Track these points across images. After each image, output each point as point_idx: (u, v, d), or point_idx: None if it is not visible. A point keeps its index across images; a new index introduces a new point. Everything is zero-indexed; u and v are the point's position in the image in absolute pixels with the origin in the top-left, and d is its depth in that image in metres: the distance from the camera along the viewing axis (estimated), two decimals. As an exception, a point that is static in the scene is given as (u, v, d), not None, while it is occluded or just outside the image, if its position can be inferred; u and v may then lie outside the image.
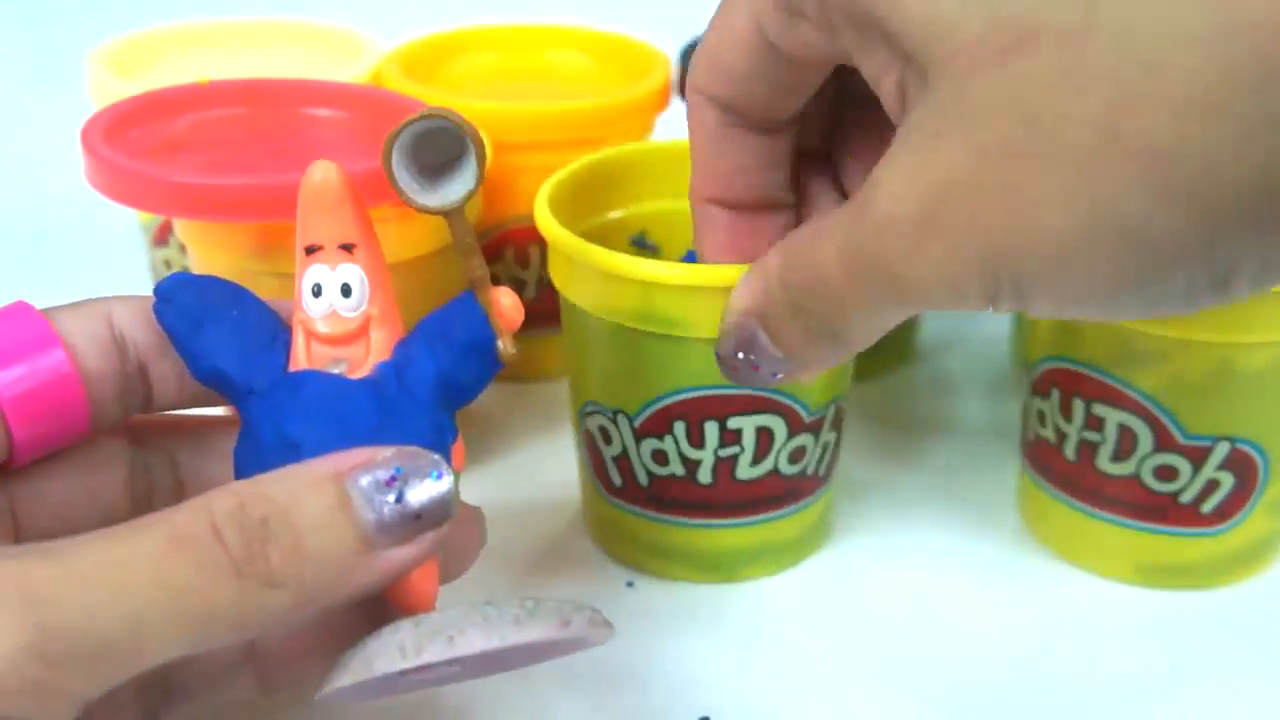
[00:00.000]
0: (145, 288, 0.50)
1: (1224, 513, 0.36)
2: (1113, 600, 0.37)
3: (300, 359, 0.27)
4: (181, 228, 0.37)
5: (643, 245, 0.40)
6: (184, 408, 0.29)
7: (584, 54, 0.51)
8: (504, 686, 0.33)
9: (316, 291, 0.27)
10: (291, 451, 0.25)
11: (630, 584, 0.37)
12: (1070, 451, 0.37)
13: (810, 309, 0.27)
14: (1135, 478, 0.36)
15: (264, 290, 0.28)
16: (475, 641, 0.24)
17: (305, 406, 0.26)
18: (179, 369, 0.28)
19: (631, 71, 0.48)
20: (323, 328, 0.27)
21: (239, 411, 0.27)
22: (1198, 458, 0.35)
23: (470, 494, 0.30)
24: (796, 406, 0.35)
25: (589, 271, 0.33)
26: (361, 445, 0.25)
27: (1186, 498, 0.35)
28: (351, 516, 0.23)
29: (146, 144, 0.35)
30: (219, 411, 0.30)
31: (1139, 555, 0.37)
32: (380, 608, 0.27)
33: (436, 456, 0.24)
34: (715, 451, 0.35)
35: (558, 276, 0.35)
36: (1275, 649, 0.35)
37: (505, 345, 0.27)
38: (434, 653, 0.24)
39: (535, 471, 0.42)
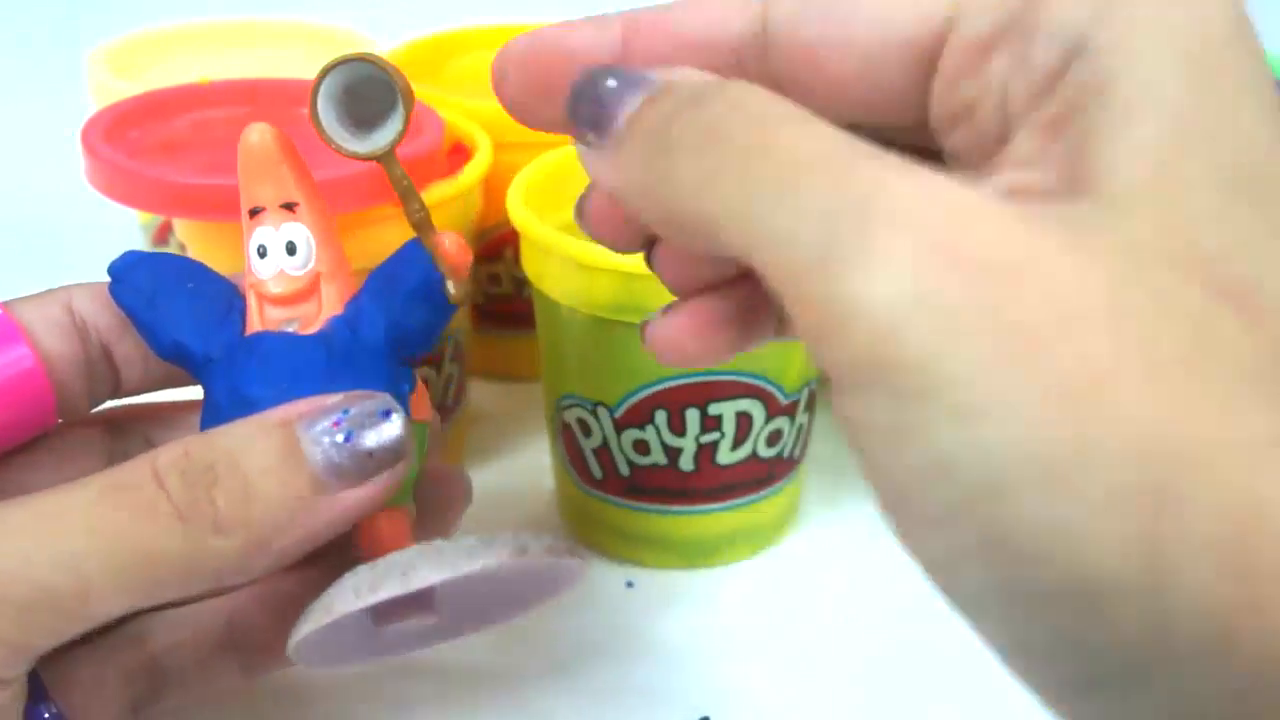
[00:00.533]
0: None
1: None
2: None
3: (254, 323, 0.27)
4: (181, 228, 0.37)
5: None
6: (153, 389, 0.29)
7: (584, 54, 0.51)
8: (500, 688, 0.33)
9: (262, 253, 0.27)
10: (248, 409, 0.25)
11: (630, 584, 0.37)
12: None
13: (701, 126, 0.20)
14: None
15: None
16: (428, 574, 0.24)
17: (259, 365, 0.26)
18: (142, 350, 0.28)
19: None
20: (273, 288, 0.27)
21: (201, 383, 0.27)
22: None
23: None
24: (774, 390, 0.35)
25: (565, 264, 0.34)
26: (316, 394, 0.25)
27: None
28: (300, 459, 0.23)
29: (146, 144, 0.35)
30: (194, 394, 0.31)
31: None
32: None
33: (386, 396, 0.25)
34: (697, 438, 0.35)
35: (531, 270, 0.36)
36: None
37: (453, 287, 0.27)
38: (388, 589, 0.24)
39: (534, 470, 0.42)
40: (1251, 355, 0.16)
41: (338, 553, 0.26)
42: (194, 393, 0.29)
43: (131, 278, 0.27)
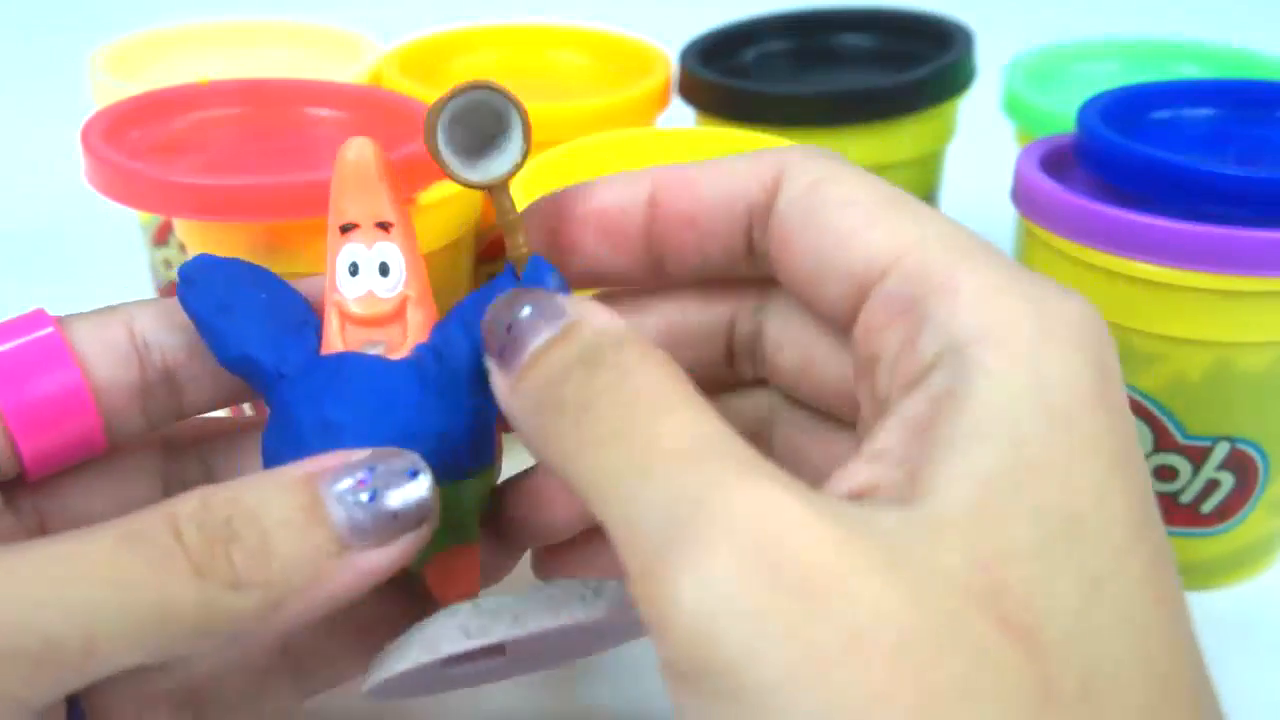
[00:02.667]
0: (145, 288, 0.51)
1: (1224, 513, 0.36)
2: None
3: (334, 341, 0.26)
4: (181, 228, 0.37)
5: None
6: (222, 407, 0.28)
7: (584, 54, 0.51)
8: (499, 689, 0.33)
9: (353, 270, 0.26)
10: (332, 435, 0.24)
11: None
12: (1070, 452, 0.37)
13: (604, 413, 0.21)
14: (1135, 478, 0.36)
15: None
16: (542, 619, 0.23)
17: (346, 388, 0.25)
18: (211, 368, 0.27)
19: (631, 71, 0.48)
20: (359, 309, 0.26)
21: (266, 399, 0.26)
22: (1198, 458, 0.35)
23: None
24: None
25: None
26: (405, 426, 0.24)
27: (1186, 498, 0.35)
28: (322, 516, 0.23)
29: (146, 144, 0.35)
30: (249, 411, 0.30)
31: (1139, 555, 0.37)
32: (398, 601, 0.27)
33: (414, 456, 0.24)
34: None
35: None
36: (1275, 649, 0.35)
37: None
38: (500, 632, 0.23)
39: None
40: (1024, 686, 0.18)
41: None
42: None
43: (203, 282, 0.26)
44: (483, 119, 0.25)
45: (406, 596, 0.27)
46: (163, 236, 0.48)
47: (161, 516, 0.22)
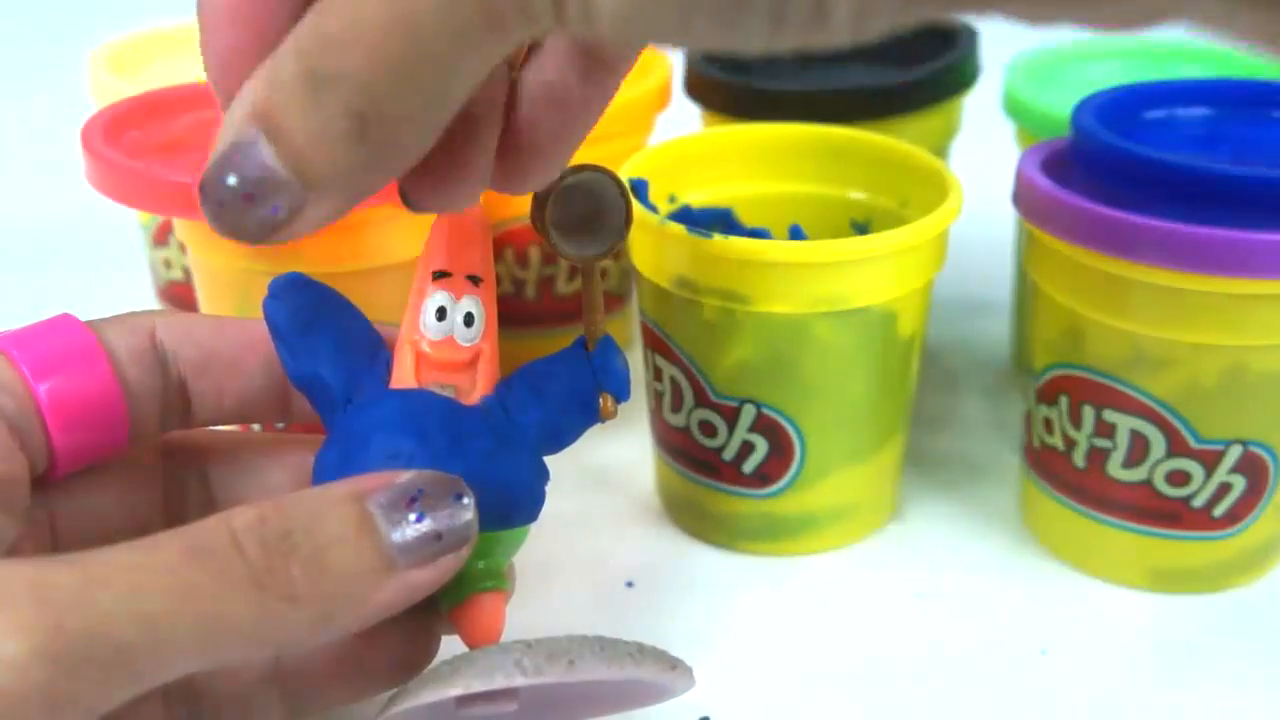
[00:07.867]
0: (145, 288, 0.50)
1: (1235, 516, 0.35)
2: (1121, 604, 0.36)
3: (406, 378, 0.27)
4: (181, 228, 0.36)
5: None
6: (220, 424, 0.29)
7: (585, 54, 0.51)
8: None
9: (440, 315, 0.27)
10: (401, 463, 0.25)
11: (630, 584, 0.37)
12: (1079, 459, 0.36)
13: (338, 71, 0.19)
14: (1147, 483, 0.35)
15: (260, 289, 0.28)
16: (596, 669, 0.24)
17: (420, 421, 0.26)
18: (217, 387, 0.28)
19: (631, 71, 0.48)
20: (437, 352, 0.27)
21: (327, 421, 0.27)
22: (1210, 462, 0.34)
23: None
24: (699, 376, 0.36)
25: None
26: (471, 469, 0.25)
27: (1199, 502, 0.35)
28: (373, 534, 0.23)
29: (146, 144, 0.35)
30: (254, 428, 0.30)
31: (1149, 560, 0.37)
32: (399, 635, 0.27)
33: (457, 479, 0.24)
34: (650, 384, 0.38)
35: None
36: (1285, 654, 0.35)
37: (606, 404, 0.28)
38: (555, 674, 0.24)
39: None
40: None
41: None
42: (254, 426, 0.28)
43: (292, 298, 0.27)
44: (581, 197, 0.27)
45: (402, 630, 0.27)
46: (163, 236, 0.48)
47: (222, 529, 0.23)
